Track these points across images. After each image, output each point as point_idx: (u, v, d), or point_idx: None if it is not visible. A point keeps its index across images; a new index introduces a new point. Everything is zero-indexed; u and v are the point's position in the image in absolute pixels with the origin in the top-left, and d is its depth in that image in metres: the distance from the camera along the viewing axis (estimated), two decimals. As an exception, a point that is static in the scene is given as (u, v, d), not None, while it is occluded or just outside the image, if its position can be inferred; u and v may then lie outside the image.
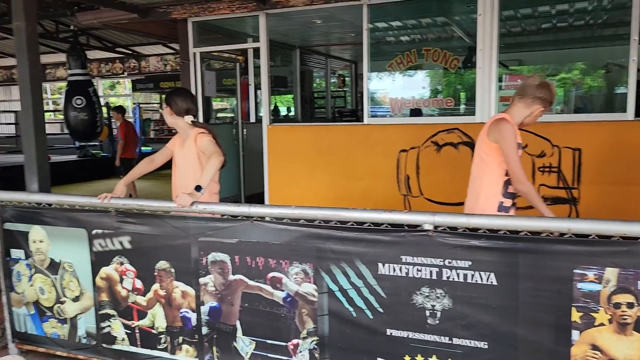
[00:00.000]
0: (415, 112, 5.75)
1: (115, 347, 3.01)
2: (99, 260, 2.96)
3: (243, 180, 7.34)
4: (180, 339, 2.84)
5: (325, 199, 5.72)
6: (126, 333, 2.97)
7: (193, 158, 3.10)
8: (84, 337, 3.09)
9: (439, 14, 6.03)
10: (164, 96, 19.38)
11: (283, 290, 2.55)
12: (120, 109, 8.04)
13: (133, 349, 2.97)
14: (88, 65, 14.28)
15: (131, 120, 13.44)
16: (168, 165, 3.41)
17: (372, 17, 5.47)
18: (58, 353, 3.18)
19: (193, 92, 6.49)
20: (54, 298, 3.13)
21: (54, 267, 3.10)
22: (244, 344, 2.68)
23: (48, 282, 3.13)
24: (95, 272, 2.99)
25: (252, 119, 8.29)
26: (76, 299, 3.07)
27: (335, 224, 2.42)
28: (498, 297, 2.16)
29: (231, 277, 2.66)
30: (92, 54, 14.18)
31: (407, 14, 5.95)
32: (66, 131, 8.24)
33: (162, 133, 18.69)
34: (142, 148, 14.37)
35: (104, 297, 2.99)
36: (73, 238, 3.01)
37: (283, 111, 13.97)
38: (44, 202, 3.07)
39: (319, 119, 11.00)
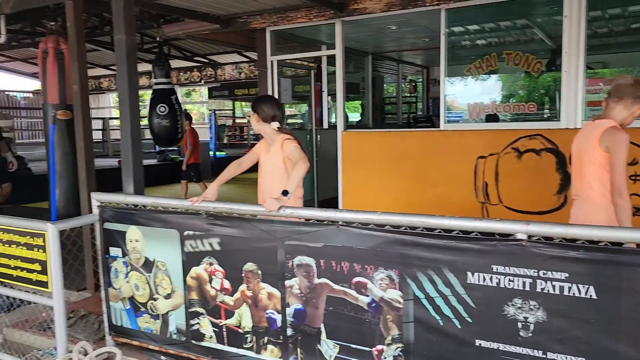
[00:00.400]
0: (491, 118, 5.61)
1: (203, 344, 3.15)
2: (190, 260, 3.12)
3: (317, 185, 7.45)
4: (266, 339, 2.93)
5: (397, 205, 5.69)
6: (214, 331, 3.10)
7: (279, 163, 3.20)
8: (175, 333, 3.25)
9: (520, 16, 5.86)
10: (240, 103, 19.90)
11: (368, 296, 2.57)
12: (188, 116, 8.55)
13: (220, 346, 3.09)
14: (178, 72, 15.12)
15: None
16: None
17: (450, 21, 5.40)
18: (150, 347, 3.36)
19: (270, 99, 6.67)
20: (148, 295, 3.32)
21: (148, 265, 3.29)
22: (328, 347, 2.72)
23: (143, 280, 3.32)
24: (186, 272, 3.14)
25: (325, 125, 8.39)
26: (168, 297, 3.24)
27: (422, 230, 2.41)
28: (597, 312, 2.07)
29: (316, 280, 2.71)
30: (172, 63, 14.92)
31: (486, 18, 5.83)
32: (148, 137, 8.77)
33: (234, 138, 19.33)
34: (217, 153, 14.93)
35: (194, 295, 3.14)
36: (166, 238, 3.18)
37: (352, 117, 14.04)
38: (140, 204, 3.27)
39: (389, 124, 10.97)
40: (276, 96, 6.67)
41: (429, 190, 5.57)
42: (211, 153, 14.56)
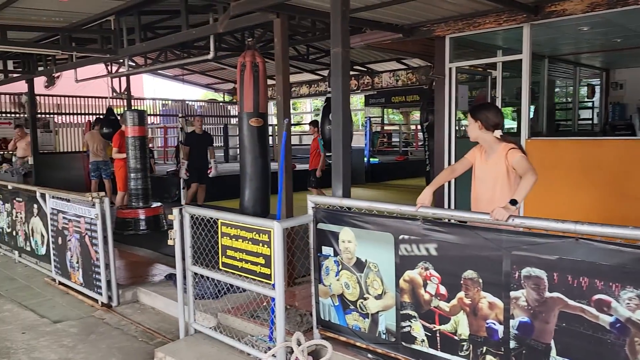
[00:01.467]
0: None
1: (414, 347, 3.21)
2: (404, 263, 3.21)
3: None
4: (484, 348, 2.90)
5: (591, 218, 5.27)
6: (426, 335, 3.15)
7: (500, 172, 3.15)
8: (384, 333, 3.37)
9: None
10: (388, 110, 19.85)
11: (611, 315, 2.42)
12: (316, 124, 8.93)
13: (432, 351, 3.13)
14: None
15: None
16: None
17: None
18: (358, 344, 3.52)
19: (447, 106, 6.63)
20: (358, 293, 3.48)
21: (359, 265, 3.46)
22: (559, 365, 2.61)
23: (353, 279, 3.50)
24: (399, 274, 3.24)
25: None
26: (378, 297, 3.37)
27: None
28: None
29: (547, 294, 2.62)
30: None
31: None
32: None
33: (382, 145, 19.51)
34: (371, 159, 15.19)
35: (406, 298, 3.22)
36: (380, 241, 3.31)
37: (510, 123, 13.35)
38: (355, 207, 3.45)
39: (562, 132, 10.24)
40: (453, 103, 6.61)
41: (630, 203, 5.08)
42: (365, 159, 14.86)
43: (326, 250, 3.65)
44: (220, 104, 18.98)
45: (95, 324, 4.83)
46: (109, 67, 15.99)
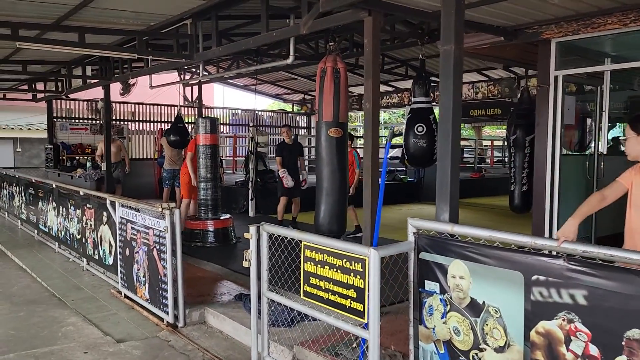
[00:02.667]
0: None
1: (548, 418, 2.53)
2: (537, 311, 2.54)
3: (594, 219, 6.32)
4: None
5: None
6: (567, 405, 2.46)
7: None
8: (506, 395, 2.71)
9: None
10: (462, 125, 18.81)
11: None
12: (351, 137, 8.28)
13: None
14: (404, 94, 15.19)
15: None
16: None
17: None
18: (469, 403, 2.88)
19: (550, 119, 5.86)
20: (471, 342, 2.84)
21: (474, 308, 2.82)
22: None
23: (465, 324, 2.86)
24: (530, 324, 2.58)
25: (601, 149, 7.18)
26: (500, 350, 2.72)
27: None
28: None
29: None
30: (403, 84, 14.93)
31: None
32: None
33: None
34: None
35: (539, 355, 2.55)
36: (503, 280, 2.67)
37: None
38: (471, 235, 2.83)
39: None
40: (559, 116, 5.83)
41: None
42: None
43: (430, 285, 3.04)
44: (289, 114, 18.76)
45: (159, 347, 4.44)
46: (182, 76, 16.19)
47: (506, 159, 15.65)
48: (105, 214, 6.17)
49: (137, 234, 5.28)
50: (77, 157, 13.68)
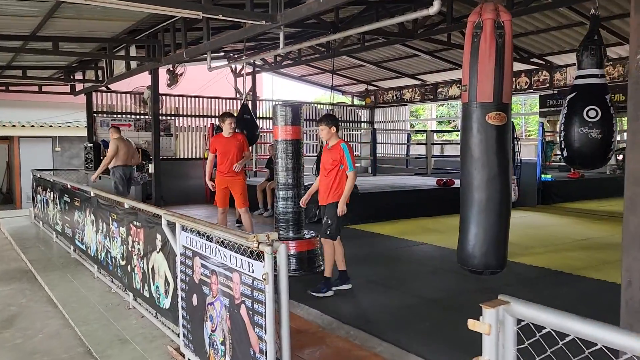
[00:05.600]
0: None
1: None
2: None
3: None
4: None
5: None
6: None
7: None
8: None
9: None
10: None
11: None
12: (331, 119, 5.14)
13: None
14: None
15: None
16: None
17: None
18: None
19: None
20: None
21: None
22: None
23: None
24: None
25: None
26: None
27: None
28: None
29: None
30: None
31: None
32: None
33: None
34: (542, 176, 12.14)
35: None
36: None
37: None
38: None
39: None
40: None
41: None
42: (538, 176, 11.84)
43: None
44: (349, 107, 16.82)
45: None
46: (234, 68, 14.46)
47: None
48: (159, 237, 4.38)
49: (211, 276, 3.42)
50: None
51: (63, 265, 7.14)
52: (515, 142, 11.40)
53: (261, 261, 2.84)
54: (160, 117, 12.08)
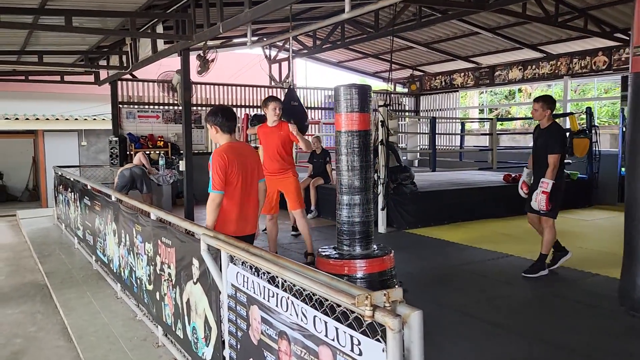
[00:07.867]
0: None
1: None
2: None
3: None
4: None
5: None
6: None
7: None
8: None
9: None
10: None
11: None
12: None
13: None
14: (559, 61, 11.39)
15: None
16: None
17: None
18: None
19: None
20: None
21: None
22: None
23: None
24: None
25: None
26: None
27: None
28: None
29: None
30: (570, 45, 11.18)
31: None
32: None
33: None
34: (622, 170, 10.63)
35: None
36: None
37: None
38: None
39: None
40: None
41: None
42: (618, 170, 10.36)
43: None
44: (392, 95, 15.49)
45: None
46: (269, 55, 13.31)
47: None
48: (196, 263, 3.24)
49: (279, 340, 2.24)
50: (148, 152, 11.07)
51: (83, 280, 6.11)
52: (594, 131, 9.98)
53: (379, 340, 1.65)
54: (193, 106, 11.03)
